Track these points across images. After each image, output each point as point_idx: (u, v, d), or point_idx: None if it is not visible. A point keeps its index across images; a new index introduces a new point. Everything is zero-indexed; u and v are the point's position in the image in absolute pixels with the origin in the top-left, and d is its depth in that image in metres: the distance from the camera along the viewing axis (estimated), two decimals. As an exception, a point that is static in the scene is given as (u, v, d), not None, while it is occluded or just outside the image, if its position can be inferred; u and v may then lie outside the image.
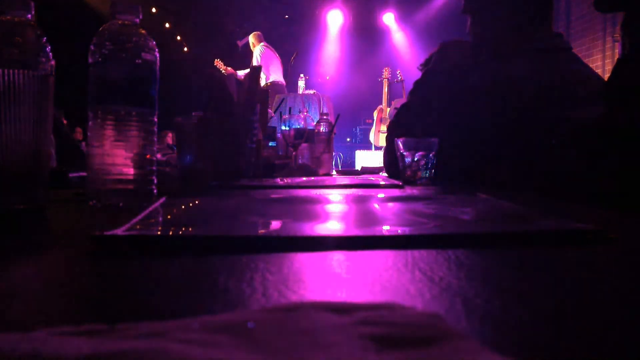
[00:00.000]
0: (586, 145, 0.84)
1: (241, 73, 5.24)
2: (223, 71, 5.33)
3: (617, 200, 0.69)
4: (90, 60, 0.63)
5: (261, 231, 0.46)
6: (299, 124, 1.53)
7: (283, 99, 2.74)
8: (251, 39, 5.46)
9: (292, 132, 1.51)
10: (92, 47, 0.62)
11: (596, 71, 1.24)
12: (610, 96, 0.83)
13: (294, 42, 5.66)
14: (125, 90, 0.62)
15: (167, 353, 0.15)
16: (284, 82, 5.38)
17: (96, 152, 0.62)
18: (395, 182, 1.00)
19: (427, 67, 1.34)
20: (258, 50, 5.37)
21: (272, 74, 5.34)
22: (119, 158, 0.62)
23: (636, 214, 0.60)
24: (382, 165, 1.54)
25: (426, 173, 1.06)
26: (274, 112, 2.01)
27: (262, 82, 5.18)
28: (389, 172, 1.37)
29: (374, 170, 1.80)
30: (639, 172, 0.71)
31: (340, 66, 7.12)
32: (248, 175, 1.08)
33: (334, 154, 1.87)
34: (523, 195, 0.81)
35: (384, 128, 5.49)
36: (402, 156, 1.08)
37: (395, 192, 0.83)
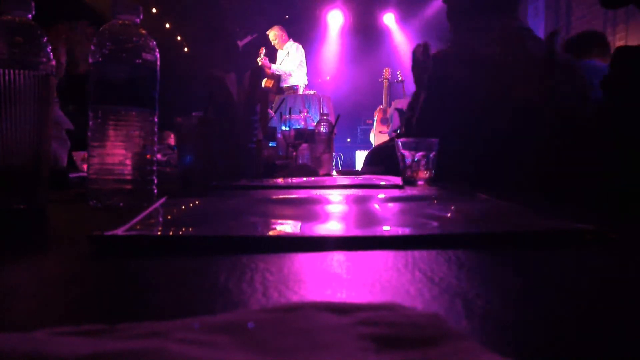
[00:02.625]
0: (587, 143, 0.84)
1: (275, 67, 5.08)
2: (259, 61, 5.15)
3: (619, 198, 0.69)
4: (90, 60, 0.63)
5: (261, 231, 0.46)
6: (299, 125, 1.52)
7: (283, 99, 2.75)
8: (277, 31, 5.17)
9: (292, 133, 1.51)
10: (92, 47, 0.62)
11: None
12: (610, 86, 0.83)
13: (294, 42, 5.65)
14: (126, 90, 0.62)
15: (167, 353, 0.15)
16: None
17: (96, 152, 0.62)
18: (396, 182, 1.00)
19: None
20: (296, 48, 5.15)
21: (303, 75, 5.21)
22: (119, 158, 0.62)
23: (636, 214, 0.60)
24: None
25: (426, 173, 1.06)
26: (274, 113, 2.01)
27: (302, 83, 5.06)
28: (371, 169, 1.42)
29: (373, 171, 1.79)
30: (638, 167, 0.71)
31: (341, 66, 7.11)
32: (248, 176, 1.08)
33: (334, 154, 1.87)
34: (523, 196, 0.81)
35: (384, 128, 5.49)
36: (402, 156, 1.08)
37: (396, 193, 0.83)
